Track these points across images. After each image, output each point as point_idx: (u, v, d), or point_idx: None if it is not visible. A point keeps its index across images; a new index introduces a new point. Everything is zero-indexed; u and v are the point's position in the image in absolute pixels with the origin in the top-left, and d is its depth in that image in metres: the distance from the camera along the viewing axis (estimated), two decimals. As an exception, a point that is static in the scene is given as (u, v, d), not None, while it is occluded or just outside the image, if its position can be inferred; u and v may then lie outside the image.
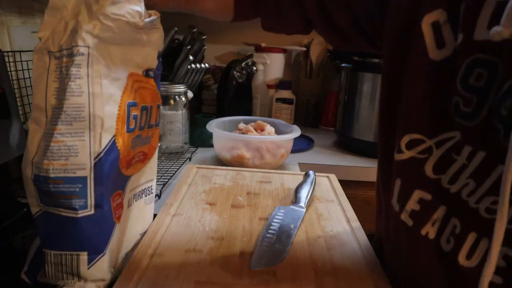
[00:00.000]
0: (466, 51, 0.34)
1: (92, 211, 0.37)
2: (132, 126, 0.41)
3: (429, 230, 0.37)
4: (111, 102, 0.37)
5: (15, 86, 0.74)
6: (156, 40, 0.44)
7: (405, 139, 0.39)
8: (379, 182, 0.46)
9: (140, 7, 0.39)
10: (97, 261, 0.38)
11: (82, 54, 0.35)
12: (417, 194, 0.39)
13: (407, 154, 0.40)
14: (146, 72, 0.44)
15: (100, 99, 0.36)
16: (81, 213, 0.36)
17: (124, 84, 0.39)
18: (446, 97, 0.36)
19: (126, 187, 0.43)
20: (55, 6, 0.35)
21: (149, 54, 0.43)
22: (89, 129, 0.35)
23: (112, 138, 0.37)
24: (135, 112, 0.41)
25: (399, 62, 0.40)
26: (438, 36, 0.37)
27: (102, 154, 0.36)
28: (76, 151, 0.35)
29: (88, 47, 0.35)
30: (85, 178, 0.35)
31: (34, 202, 0.36)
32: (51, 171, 0.34)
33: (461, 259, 0.34)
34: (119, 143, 0.39)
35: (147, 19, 0.40)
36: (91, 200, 0.36)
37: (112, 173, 0.38)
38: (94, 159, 0.36)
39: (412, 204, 0.39)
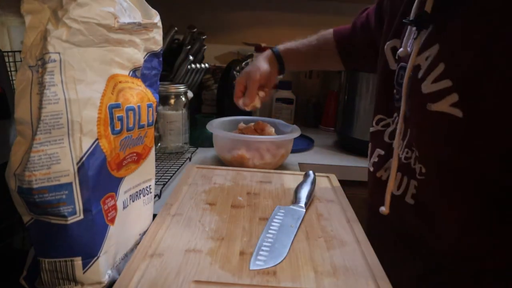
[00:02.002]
0: (398, 61, 0.60)
1: (82, 216, 0.36)
2: (118, 128, 0.40)
3: (383, 174, 0.63)
4: (89, 106, 0.37)
5: (15, 86, 0.74)
6: (144, 40, 0.44)
7: (376, 118, 0.66)
8: None
9: (114, 8, 0.38)
10: (92, 264, 0.38)
11: (54, 61, 0.34)
12: (377, 152, 0.64)
13: (375, 128, 0.66)
14: (133, 72, 0.44)
15: (77, 105, 0.35)
16: (71, 219, 0.36)
17: (104, 86, 0.39)
18: (393, 91, 0.60)
19: (119, 188, 0.43)
20: (33, 25, 0.35)
21: (133, 55, 0.43)
22: (68, 135, 0.35)
23: (94, 141, 0.37)
24: (119, 113, 0.41)
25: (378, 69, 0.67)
26: (394, 54, 0.61)
27: (84, 158, 0.36)
28: (58, 158, 0.35)
29: (59, 53, 0.34)
30: (70, 184, 0.35)
31: (24, 211, 0.36)
32: (34, 182, 0.34)
33: (394, 190, 0.57)
34: (104, 146, 0.38)
35: (127, 20, 0.40)
36: (79, 205, 0.36)
37: (99, 176, 0.38)
38: (77, 164, 0.36)
39: (374, 157, 0.65)
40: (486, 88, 0.44)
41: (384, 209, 0.55)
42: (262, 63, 0.84)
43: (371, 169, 0.64)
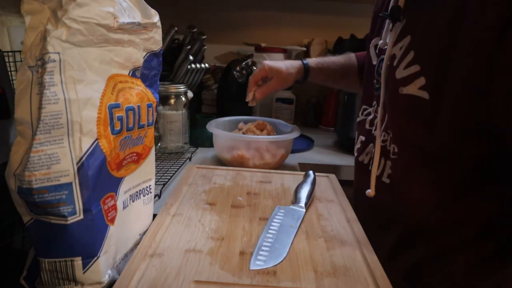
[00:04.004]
0: (378, 55, 0.67)
1: (82, 216, 0.36)
2: (117, 128, 0.40)
3: (364, 158, 0.70)
4: (89, 106, 0.37)
5: (15, 86, 0.74)
6: (144, 40, 0.44)
7: (361, 109, 0.73)
8: None
9: (113, 8, 0.38)
10: (92, 264, 0.38)
11: (54, 61, 0.34)
12: (360, 138, 0.72)
13: (360, 117, 0.73)
14: (133, 72, 0.44)
15: (77, 104, 0.35)
16: (71, 219, 0.36)
17: (104, 86, 0.39)
18: (373, 82, 0.67)
19: (119, 188, 0.43)
20: (33, 26, 0.34)
21: (132, 54, 0.43)
22: (67, 135, 0.35)
23: (94, 141, 0.37)
24: (119, 113, 0.40)
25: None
26: (375, 51, 0.68)
27: (84, 158, 0.36)
28: (58, 158, 0.34)
29: (59, 53, 0.34)
30: (70, 184, 0.35)
31: (24, 211, 0.36)
32: (34, 182, 0.34)
33: (376, 172, 0.62)
34: (104, 146, 0.38)
35: (126, 20, 0.40)
36: (79, 205, 0.36)
37: (99, 176, 0.38)
38: (77, 164, 0.35)
39: (358, 144, 0.72)
40: (449, 72, 0.49)
41: (370, 192, 0.61)
42: (292, 73, 0.88)
43: (355, 154, 0.73)
